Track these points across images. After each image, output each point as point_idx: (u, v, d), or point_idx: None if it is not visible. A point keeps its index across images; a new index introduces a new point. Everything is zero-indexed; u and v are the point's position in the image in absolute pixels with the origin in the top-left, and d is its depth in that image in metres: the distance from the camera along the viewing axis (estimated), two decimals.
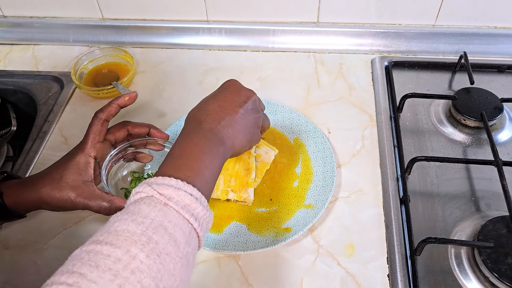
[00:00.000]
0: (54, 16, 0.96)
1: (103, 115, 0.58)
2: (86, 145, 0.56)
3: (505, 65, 0.82)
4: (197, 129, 0.48)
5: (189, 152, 0.45)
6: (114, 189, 0.63)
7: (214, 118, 0.50)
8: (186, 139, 0.48)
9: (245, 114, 0.52)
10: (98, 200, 0.55)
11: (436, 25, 0.87)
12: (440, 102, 0.77)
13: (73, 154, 0.57)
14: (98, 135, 0.57)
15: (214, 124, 0.49)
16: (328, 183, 0.64)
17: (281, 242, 0.58)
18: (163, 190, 0.39)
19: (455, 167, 0.68)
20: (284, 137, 0.73)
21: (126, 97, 0.60)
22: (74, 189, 0.54)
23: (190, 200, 0.39)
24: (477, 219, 0.61)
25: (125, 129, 0.62)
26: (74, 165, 0.55)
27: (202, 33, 0.92)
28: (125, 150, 0.62)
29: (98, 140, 0.57)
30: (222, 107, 0.51)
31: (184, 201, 0.39)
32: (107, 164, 0.59)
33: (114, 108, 0.59)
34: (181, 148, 0.46)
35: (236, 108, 0.51)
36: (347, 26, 0.89)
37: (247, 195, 0.63)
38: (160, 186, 0.39)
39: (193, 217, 0.39)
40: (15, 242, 0.62)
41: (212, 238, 0.60)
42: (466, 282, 0.55)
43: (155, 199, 0.39)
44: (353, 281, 0.56)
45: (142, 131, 0.63)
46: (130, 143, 0.62)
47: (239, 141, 0.51)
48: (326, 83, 0.83)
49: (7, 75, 0.89)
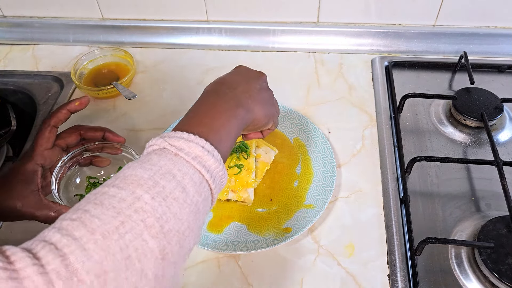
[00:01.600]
0: (54, 16, 0.96)
1: (51, 121, 0.57)
2: (33, 153, 0.55)
3: (505, 65, 0.82)
4: (215, 94, 0.47)
5: (204, 110, 0.45)
6: (67, 197, 0.61)
7: (231, 85, 0.48)
8: (202, 101, 0.47)
9: (260, 89, 0.51)
10: (44, 210, 0.53)
11: (436, 25, 0.87)
12: (440, 102, 0.77)
13: (21, 162, 0.55)
14: (46, 142, 0.56)
15: (233, 89, 0.48)
16: (328, 183, 0.64)
17: (281, 242, 0.58)
18: (175, 142, 0.39)
19: (455, 167, 0.67)
20: (284, 137, 0.73)
21: (77, 102, 0.59)
22: (20, 199, 0.52)
23: (201, 152, 0.39)
24: (477, 219, 0.60)
25: (77, 134, 0.61)
26: (21, 174, 0.54)
27: (202, 33, 0.92)
28: (80, 155, 0.61)
29: (45, 147, 0.56)
30: (237, 80, 0.50)
31: (195, 152, 0.38)
32: (59, 170, 0.58)
33: (63, 114, 0.58)
34: (197, 108, 0.45)
35: (251, 80, 0.51)
36: (347, 26, 0.89)
37: (247, 195, 0.63)
38: (171, 139, 0.39)
39: (204, 168, 0.38)
40: (14, 242, 0.62)
41: (212, 238, 0.60)
42: (466, 282, 0.55)
43: (167, 150, 0.39)
44: (353, 281, 0.56)
45: (96, 135, 0.62)
46: (84, 148, 0.61)
47: (258, 109, 0.49)
48: (326, 83, 0.83)
49: (7, 75, 0.89)
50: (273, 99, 0.54)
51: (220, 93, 0.47)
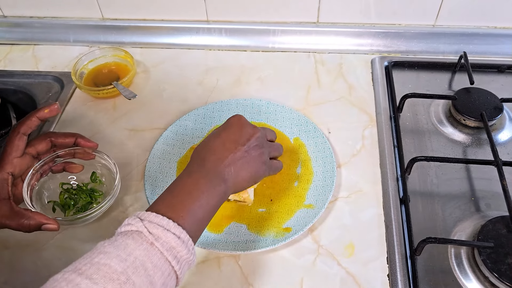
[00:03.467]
0: (54, 16, 0.96)
1: (20, 129, 0.56)
2: (2, 162, 0.55)
3: (505, 65, 0.82)
4: (200, 167, 0.50)
5: (187, 190, 0.47)
6: (40, 204, 0.61)
7: (217, 157, 0.51)
8: (186, 177, 0.50)
9: (248, 151, 0.53)
10: (16, 218, 0.53)
11: (436, 25, 0.87)
12: (440, 102, 0.77)
13: None
14: (15, 150, 0.56)
15: (217, 163, 0.51)
16: (328, 183, 0.64)
17: (281, 242, 0.58)
18: (153, 229, 0.41)
19: (455, 167, 0.68)
20: (284, 137, 0.73)
21: (46, 109, 0.58)
22: None
23: (176, 243, 0.41)
24: (477, 219, 0.61)
25: (47, 141, 0.60)
26: None
27: (202, 33, 0.92)
28: (51, 161, 0.61)
29: (15, 156, 0.56)
30: (225, 145, 0.53)
31: (170, 243, 0.41)
32: (30, 178, 0.58)
33: (32, 121, 0.58)
34: (180, 185, 0.48)
35: (239, 146, 0.53)
36: (347, 26, 0.89)
37: (247, 195, 0.63)
38: (151, 224, 0.41)
39: (175, 260, 0.41)
40: (15, 242, 0.62)
41: (212, 238, 0.60)
42: (466, 282, 0.55)
43: (144, 236, 0.41)
44: (353, 281, 0.56)
45: (67, 141, 0.61)
46: (56, 154, 0.61)
47: (242, 178, 0.52)
48: (326, 83, 0.83)
49: (7, 75, 0.89)
50: (263, 157, 0.56)
51: (205, 166, 0.50)
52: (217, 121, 0.76)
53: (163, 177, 0.67)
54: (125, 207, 0.65)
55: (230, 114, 0.76)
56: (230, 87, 0.83)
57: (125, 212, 0.65)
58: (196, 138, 0.73)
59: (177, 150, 0.71)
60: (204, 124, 0.75)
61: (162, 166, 0.69)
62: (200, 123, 0.75)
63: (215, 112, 0.76)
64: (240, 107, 0.77)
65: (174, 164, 0.69)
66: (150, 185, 0.65)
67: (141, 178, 0.69)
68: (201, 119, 0.76)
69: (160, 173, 0.68)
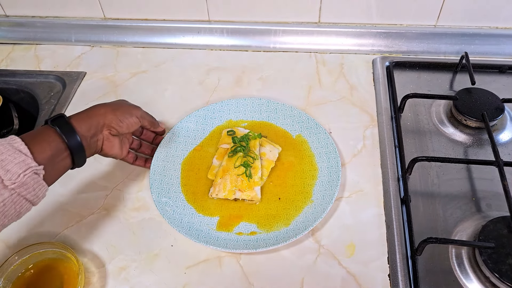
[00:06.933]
0: (56, 15, 0.96)
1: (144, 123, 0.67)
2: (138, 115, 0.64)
3: (506, 65, 0.82)
4: None
5: None
6: None
7: None
8: None
9: None
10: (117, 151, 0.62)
11: (437, 25, 0.87)
12: (441, 102, 0.77)
13: None
14: None
15: None
16: (333, 178, 0.64)
17: (283, 242, 0.58)
18: None
19: (456, 168, 0.68)
20: (287, 134, 0.73)
21: None
22: None
23: None
24: (478, 219, 0.61)
25: None
26: None
27: (203, 33, 0.92)
28: None
29: None
30: None
31: None
32: None
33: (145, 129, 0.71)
34: None
35: None
36: (348, 27, 0.89)
37: (254, 193, 0.63)
38: None
39: None
40: (16, 241, 0.62)
41: (216, 237, 0.60)
42: (467, 282, 0.55)
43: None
44: (353, 281, 0.56)
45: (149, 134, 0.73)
46: None
47: None
48: (327, 83, 0.83)
49: (9, 74, 0.89)
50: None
51: None
52: (218, 121, 0.76)
53: (168, 179, 0.67)
54: (127, 208, 0.66)
55: (230, 114, 0.76)
56: (232, 87, 0.84)
57: (126, 212, 0.65)
58: (198, 139, 0.74)
59: (180, 152, 0.71)
60: (205, 125, 0.75)
61: (167, 168, 0.69)
62: (201, 124, 0.75)
63: (215, 112, 0.77)
64: (241, 106, 0.77)
65: (178, 166, 0.70)
66: (156, 188, 0.65)
67: (143, 178, 0.69)
68: (202, 120, 0.76)
69: (165, 176, 0.68)
